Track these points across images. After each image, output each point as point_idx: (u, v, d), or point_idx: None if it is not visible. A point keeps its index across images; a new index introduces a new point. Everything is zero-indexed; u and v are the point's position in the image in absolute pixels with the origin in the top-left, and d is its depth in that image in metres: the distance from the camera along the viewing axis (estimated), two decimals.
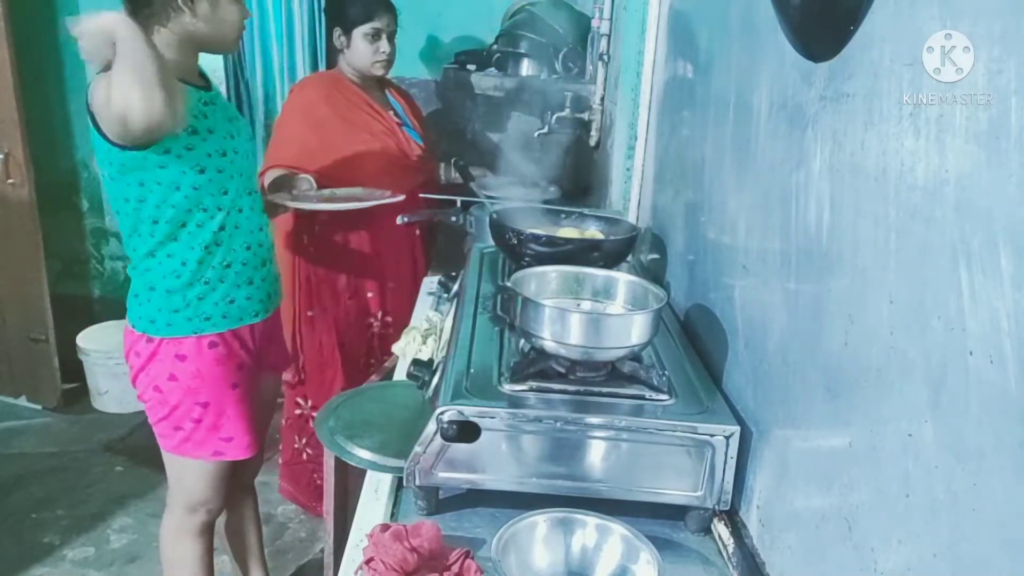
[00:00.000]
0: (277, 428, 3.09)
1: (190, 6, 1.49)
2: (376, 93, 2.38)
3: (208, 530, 1.87)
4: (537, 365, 1.10)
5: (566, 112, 2.26)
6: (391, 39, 2.30)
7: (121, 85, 1.32)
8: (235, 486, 1.94)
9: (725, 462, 1.02)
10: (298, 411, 2.50)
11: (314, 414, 2.22)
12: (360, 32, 2.25)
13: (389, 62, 2.33)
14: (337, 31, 2.28)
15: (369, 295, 2.43)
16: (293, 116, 2.27)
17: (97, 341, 3.24)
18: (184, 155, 1.51)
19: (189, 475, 1.75)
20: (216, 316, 1.64)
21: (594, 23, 2.26)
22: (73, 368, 3.23)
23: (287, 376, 2.41)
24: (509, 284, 1.17)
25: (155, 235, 1.57)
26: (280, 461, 2.67)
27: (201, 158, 1.54)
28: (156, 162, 1.49)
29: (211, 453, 1.70)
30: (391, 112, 2.38)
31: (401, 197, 2.07)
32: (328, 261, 2.36)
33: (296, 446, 2.56)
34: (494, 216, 1.56)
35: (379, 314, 2.45)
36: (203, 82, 1.65)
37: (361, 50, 2.28)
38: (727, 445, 1.02)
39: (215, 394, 1.66)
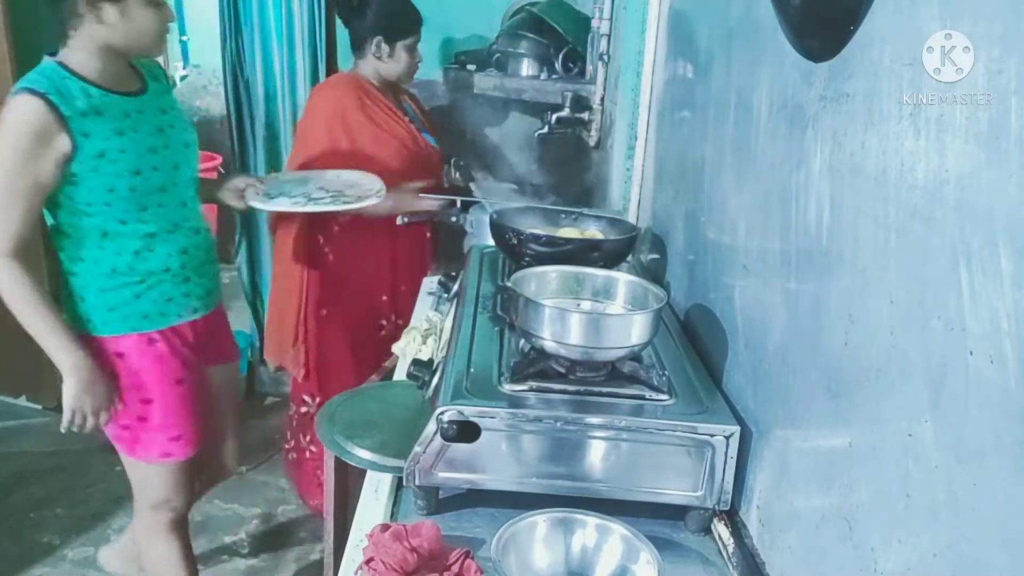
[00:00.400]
0: (277, 428, 3.11)
1: (96, 13, 1.45)
2: (393, 98, 2.39)
3: (180, 526, 1.87)
4: (537, 365, 1.10)
5: (566, 112, 2.25)
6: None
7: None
8: (216, 476, 1.97)
9: (725, 462, 1.02)
10: (304, 408, 2.50)
11: None
12: (404, 44, 2.30)
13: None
14: (377, 40, 2.27)
15: (384, 298, 2.42)
16: (323, 119, 2.27)
17: None
18: (99, 168, 1.49)
19: (147, 475, 1.75)
20: (154, 314, 1.64)
21: (594, 23, 2.26)
22: None
23: (295, 373, 2.43)
24: (509, 284, 1.17)
25: (86, 237, 1.56)
26: (291, 459, 2.67)
27: (110, 179, 1.51)
28: (69, 183, 1.50)
29: (159, 455, 1.71)
30: (407, 117, 2.39)
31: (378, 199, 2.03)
32: (344, 261, 2.36)
33: (301, 444, 2.56)
34: (494, 216, 1.56)
35: (392, 316, 2.45)
36: (136, 84, 1.61)
37: (403, 61, 2.32)
38: (727, 445, 1.02)
39: (159, 391, 1.66)
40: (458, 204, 2.11)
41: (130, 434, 1.68)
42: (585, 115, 2.28)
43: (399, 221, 2.12)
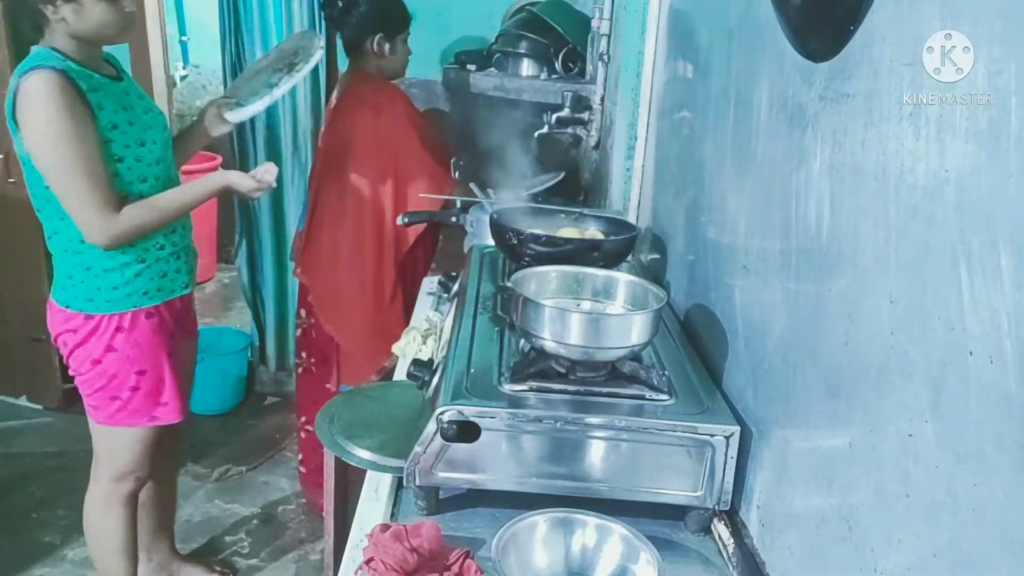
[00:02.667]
0: (277, 428, 3.11)
1: (51, 10, 1.54)
2: None
3: (134, 500, 1.95)
4: (537, 365, 1.10)
5: (566, 112, 2.25)
6: None
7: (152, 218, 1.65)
8: (159, 456, 2.02)
9: (725, 462, 1.02)
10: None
11: None
12: (402, 38, 2.32)
13: None
14: (378, 37, 2.27)
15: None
16: (417, 134, 2.29)
17: None
18: (113, 138, 1.61)
19: (121, 444, 1.83)
20: (152, 290, 1.75)
21: (594, 23, 2.26)
22: None
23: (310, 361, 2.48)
24: (509, 284, 1.17)
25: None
26: (299, 458, 2.67)
27: (120, 149, 1.63)
28: None
29: (147, 419, 1.80)
30: None
31: None
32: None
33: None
34: (494, 216, 1.56)
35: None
36: (113, 72, 1.71)
37: (401, 55, 2.34)
38: (727, 445, 1.02)
39: (152, 362, 1.77)
40: (458, 204, 2.11)
41: (119, 403, 1.77)
42: (585, 115, 2.28)
43: (399, 221, 2.12)
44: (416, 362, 1.28)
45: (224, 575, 2.31)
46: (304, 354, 2.58)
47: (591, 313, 1.19)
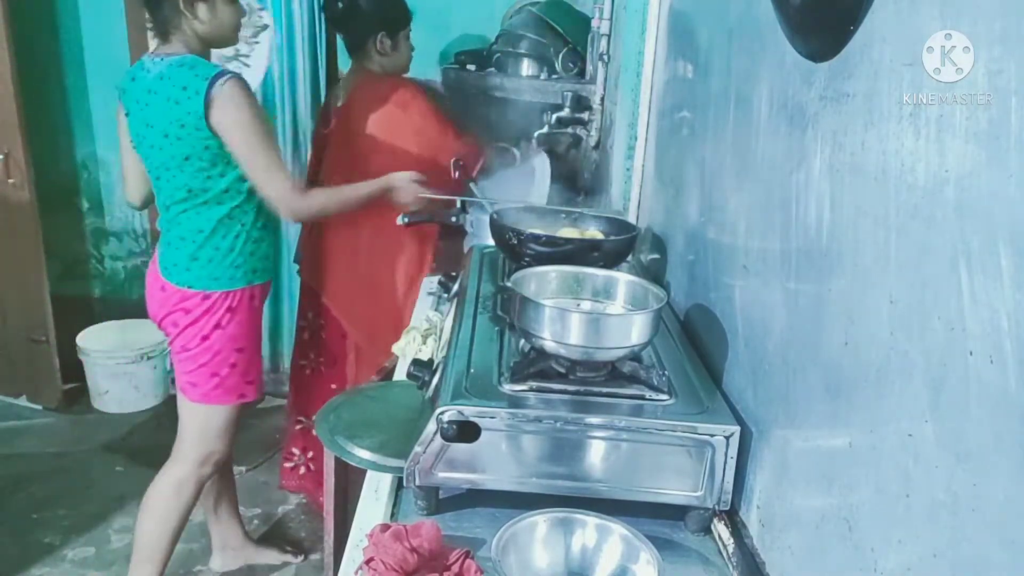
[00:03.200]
0: (277, 428, 3.11)
1: (191, 10, 1.75)
2: None
3: (204, 485, 2.05)
4: (537, 365, 1.10)
5: (566, 112, 2.25)
6: None
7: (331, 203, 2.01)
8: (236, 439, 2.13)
9: (725, 462, 1.02)
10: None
11: None
12: (404, 34, 2.32)
13: None
14: (381, 36, 2.27)
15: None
16: (438, 122, 2.30)
17: (97, 341, 3.24)
18: None
19: (213, 423, 1.95)
20: (261, 269, 1.93)
21: (594, 23, 2.26)
22: (73, 368, 3.23)
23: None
24: (509, 284, 1.17)
25: (231, 196, 1.83)
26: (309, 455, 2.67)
27: None
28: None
29: (236, 396, 1.94)
30: None
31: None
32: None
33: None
34: (494, 216, 1.56)
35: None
36: None
37: (404, 51, 2.34)
38: (727, 445, 1.02)
39: (250, 341, 1.93)
40: (458, 204, 2.11)
41: (217, 380, 1.90)
42: (585, 115, 2.28)
43: (399, 221, 2.12)
44: (416, 362, 1.28)
45: (295, 554, 2.44)
46: (311, 355, 2.58)
47: (591, 313, 1.18)
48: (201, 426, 1.96)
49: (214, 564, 2.36)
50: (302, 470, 2.65)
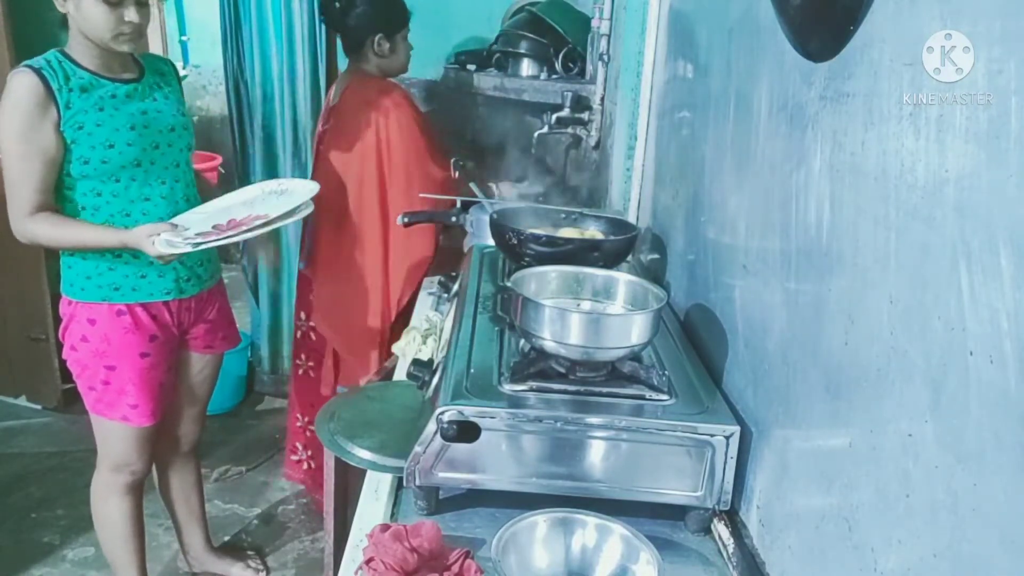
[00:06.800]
0: (277, 428, 3.11)
1: (63, 4, 1.61)
2: None
3: (134, 490, 1.97)
4: (537, 365, 1.10)
5: (566, 112, 2.25)
6: None
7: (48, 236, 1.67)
8: (168, 451, 2.08)
9: (725, 462, 1.02)
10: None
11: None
12: (402, 35, 2.30)
13: None
14: (378, 37, 2.26)
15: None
16: (423, 140, 2.29)
17: None
18: (70, 147, 1.64)
19: (111, 436, 1.86)
20: (125, 288, 1.75)
21: (594, 23, 2.26)
22: None
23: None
24: (509, 284, 1.17)
25: (69, 208, 1.70)
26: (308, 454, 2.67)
27: (86, 150, 1.64)
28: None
29: (119, 417, 1.83)
30: None
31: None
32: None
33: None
34: (494, 216, 1.56)
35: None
36: (132, 74, 1.74)
37: (403, 52, 2.33)
38: (727, 445, 1.02)
39: (121, 360, 1.78)
40: (458, 204, 2.11)
41: (95, 393, 1.82)
42: (585, 115, 2.28)
43: (399, 221, 2.12)
44: (416, 362, 1.28)
45: (258, 570, 2.36)
46: (303, 356, 2.58)
47: (591, 313, 1.19)
48: (102, 436, 1.88)
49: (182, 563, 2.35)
50: (305, 465, 2.65)
